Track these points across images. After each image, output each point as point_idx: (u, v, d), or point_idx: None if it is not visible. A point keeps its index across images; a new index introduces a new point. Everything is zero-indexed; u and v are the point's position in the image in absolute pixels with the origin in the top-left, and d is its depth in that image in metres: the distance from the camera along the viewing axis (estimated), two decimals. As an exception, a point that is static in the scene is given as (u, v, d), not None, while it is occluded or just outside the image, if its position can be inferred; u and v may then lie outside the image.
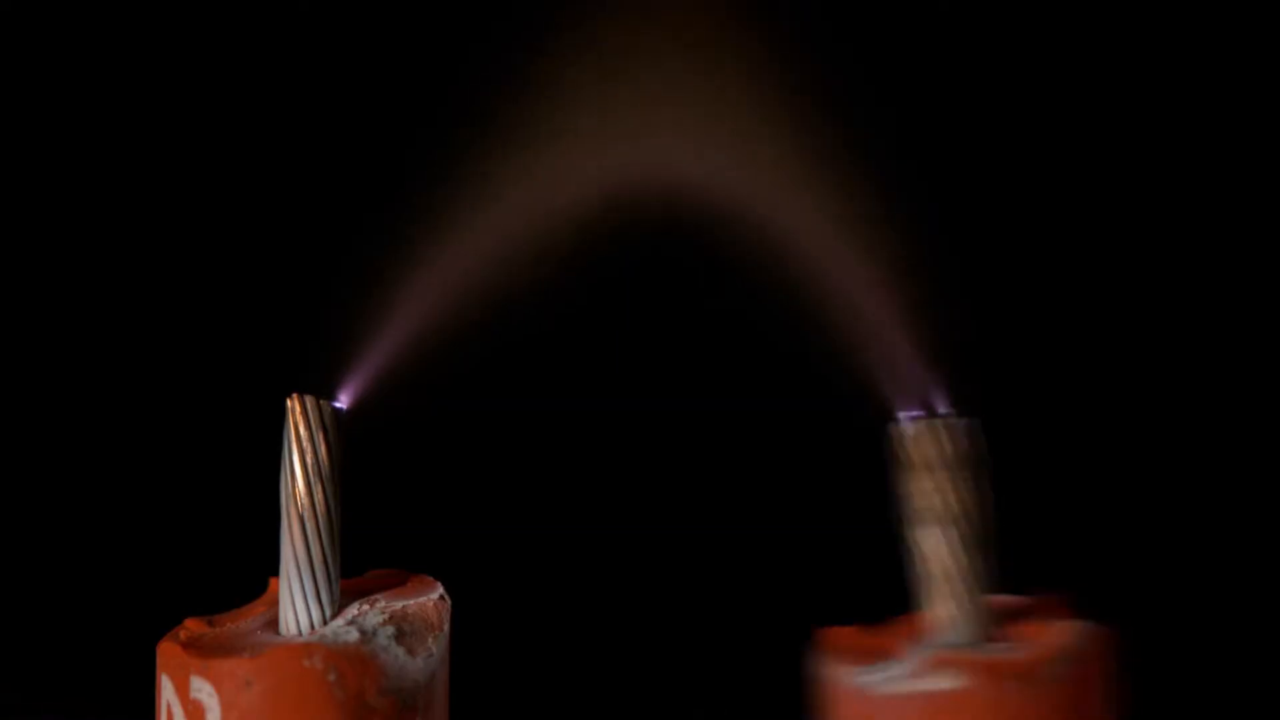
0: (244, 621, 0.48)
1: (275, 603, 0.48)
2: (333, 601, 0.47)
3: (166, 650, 0.46)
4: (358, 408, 0.47)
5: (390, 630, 0.46)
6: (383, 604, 0.47)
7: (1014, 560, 0.46)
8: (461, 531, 0.63)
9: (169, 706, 0.46)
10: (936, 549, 0.45)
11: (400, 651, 0.45)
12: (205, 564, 0.64)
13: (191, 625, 0.47)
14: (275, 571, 0.47)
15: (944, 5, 0.60)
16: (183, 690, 0.45)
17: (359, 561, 0.48)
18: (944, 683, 0.43)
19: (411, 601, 0.47)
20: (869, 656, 0.45)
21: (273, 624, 0.47)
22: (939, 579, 0.45)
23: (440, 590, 0.48)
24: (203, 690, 0.45)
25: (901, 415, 0.44)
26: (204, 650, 0.45)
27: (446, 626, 0.47)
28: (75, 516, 0.68)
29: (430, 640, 0.46)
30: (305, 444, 0.46)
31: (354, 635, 0.45)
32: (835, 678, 0.45)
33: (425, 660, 0.46)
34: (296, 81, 0.65)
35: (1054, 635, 0.44)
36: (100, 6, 0.65)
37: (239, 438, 0.58)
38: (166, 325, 0.67)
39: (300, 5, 0.64)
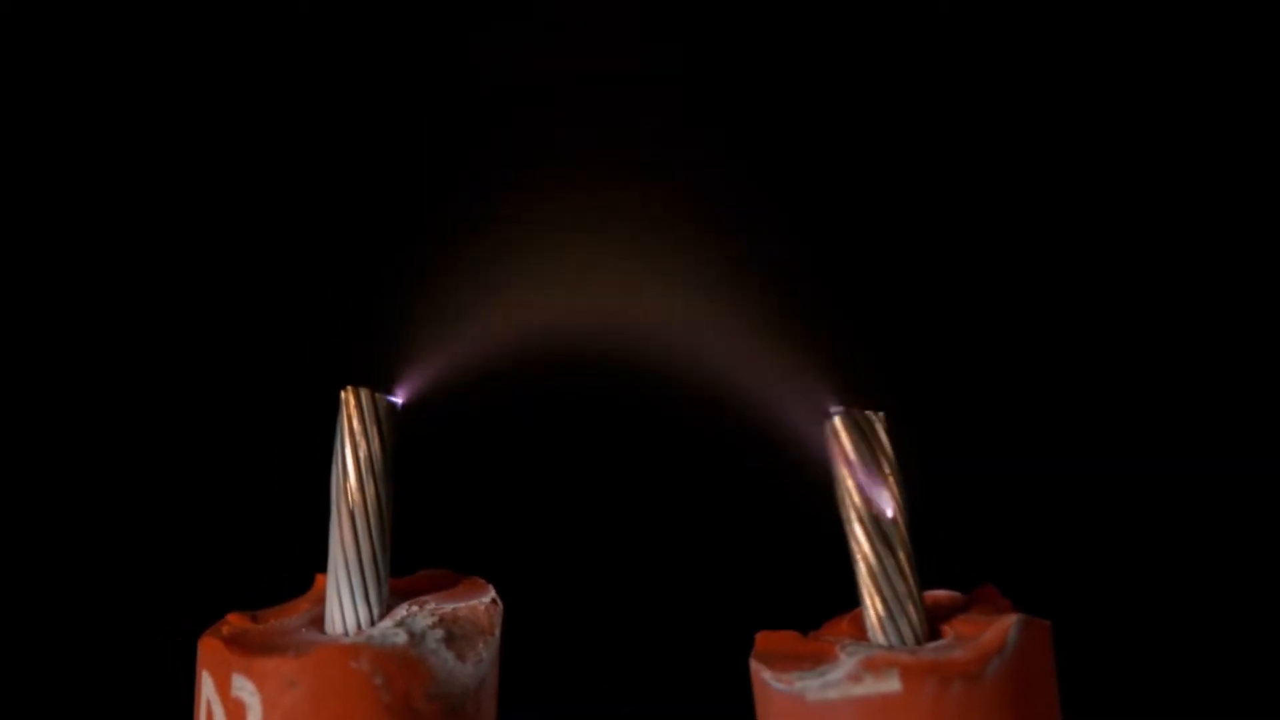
0: (288, 618, 0.47)
1: (321, 600, 0.47)
2: (381, 601, 0.46)
3: (208, 646, 0.45)
4: (414, 402, 0.47)
5: (440, 633, 0.45)
6: (432, 606, 0.46)
7: (938, 555, 0.46)
8: (516, 534, 0.63)
9: (209, 704, 0.45)
10: (862, 546, 0.44)
11: (449, 656, 0.45)
12: (250, 557, 0.65)
13: (234, 620, 0.47)
14: (322, 567, 0.47)
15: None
16: (224, 688, 0.44)
17: (409, 561, 0.48)
18: (883, 686, 0.42)
19: (462, 604, 0.46)
20: (805, 661, 0.44)
21: (317, 622, 0.47)
22: (868, 577, 0.44)
23: (492, 593, 0.47)
24: (245, 689, 0.44)
25: (830, 410, 0.44)
26: (247, 647, 0.45)
27: (498, 631, 0.47)
28: (121, 508, 0.68)
29: (481, 645, 0.46)
30: (359, 438, 0.45)
31: (402, 637, 0.44)
32: (770, 684, 0.44)
33: (475, 666, 0.45)
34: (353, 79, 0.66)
35: (993, 630, 0.43)
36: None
37: (291, 430, 0.59)
38: (220, 314, 0.67)
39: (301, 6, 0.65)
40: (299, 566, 0.49)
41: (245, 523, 0.66)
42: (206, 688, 0.45)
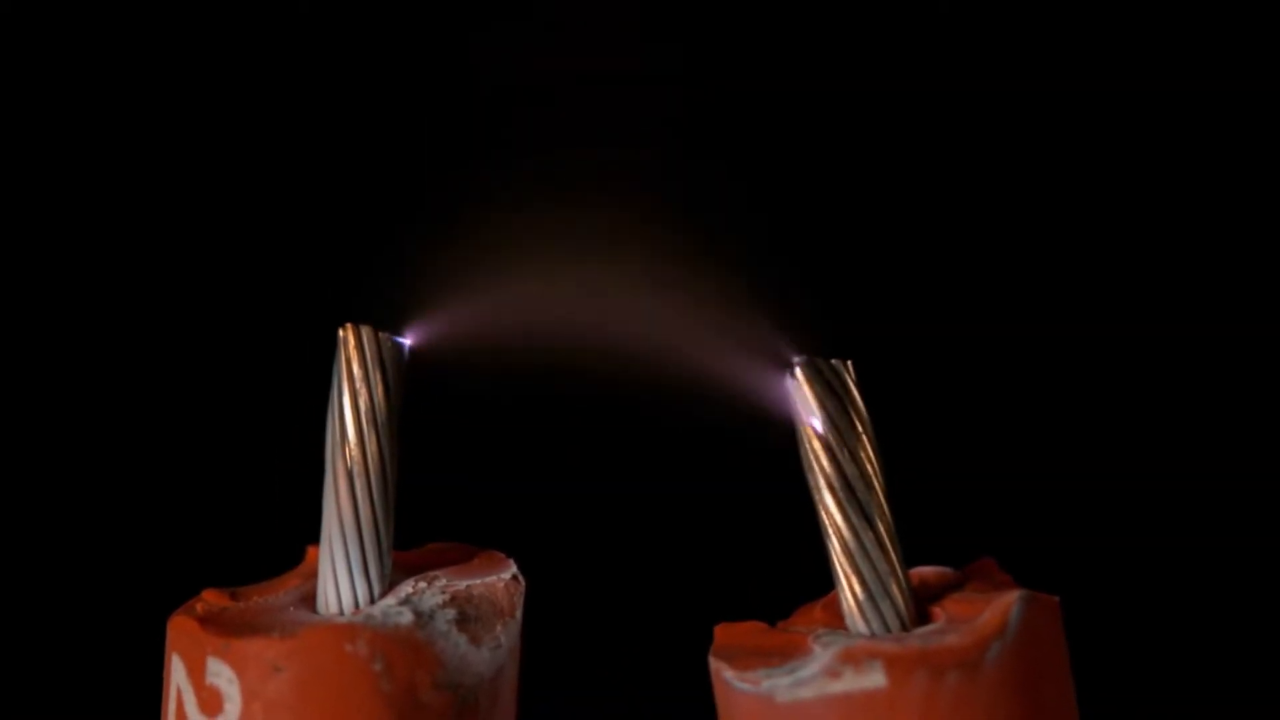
0: (274, 596, 0.45)
1: (313, 575, 0.45)
2: (382, 576, 0.44)
3: (180, 625, 0.43)
4: (426, 344, 0.45)
5: (451, 614, 0.43)
6: (443, 582, 0.44)
7: (923, 526, 0.44)
8: (541, 500, 0.63)
9: (179, 692, 0.43)
10: (834, 518, 0.42)
11: (462, 639, 0.43)
12: (229, 525, 0.64)
13: (210, 597, 0.44)
14: (314, 537, 0.44)
15: None
16: (197, 674, 0.42)
17: (417, 530, 0.46)
18: (865, 681, 0.40)
19: (478, 581, 0.44)
20: (773, 656, 0.42)
21: (309, 600, 0.44)
22: (843, 554, 0.42)
23: (513, 569, 0.45)
24: (221, 675, 0.42)
25: (793, 360, 0.43)
26: (225, 628, 0.42)
27: (519, 613, 0.44)
28: (79, 470, 0.67)
29: (498, 628, 0.43)
30: (359, 385, 0.43)
31: (407, 617, 0.42)
32: (733, 684, 0.42)
33: (491, 651, 0.43)
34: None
35: (992, 611, 0.41)
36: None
37: (279, 375, 0.58)
38: (201, 241, 0.67)
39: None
40: (287, 536, 0.47)
41: (224, 485, 0.66)
42: (177, 673, 0.43)
